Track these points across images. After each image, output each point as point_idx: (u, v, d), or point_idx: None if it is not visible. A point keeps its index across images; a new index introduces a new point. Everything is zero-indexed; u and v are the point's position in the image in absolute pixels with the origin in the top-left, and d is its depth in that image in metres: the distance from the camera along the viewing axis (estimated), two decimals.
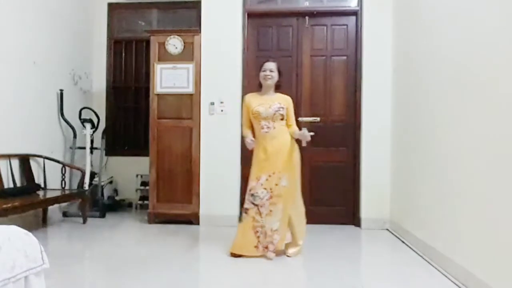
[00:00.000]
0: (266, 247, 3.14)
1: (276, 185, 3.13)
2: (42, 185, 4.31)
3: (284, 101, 3.27)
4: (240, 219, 3.27)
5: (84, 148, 4.87)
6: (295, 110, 3.40)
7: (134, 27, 5.53)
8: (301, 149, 3.28)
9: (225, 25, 4.41)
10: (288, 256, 3.19)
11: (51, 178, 4.49)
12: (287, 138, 3.21)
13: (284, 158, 3.15)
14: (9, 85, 3.91)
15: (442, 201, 2.95)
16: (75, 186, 4.81)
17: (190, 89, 4.39)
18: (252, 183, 3.19)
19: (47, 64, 4.49)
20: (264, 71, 3.28)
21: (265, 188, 3.14)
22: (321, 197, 4.38)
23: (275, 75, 3.28)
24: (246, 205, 3.21)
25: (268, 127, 3.20)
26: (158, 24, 5.45)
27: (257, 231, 3.16)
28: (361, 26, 4.34)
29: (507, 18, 2.19)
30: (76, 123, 4.85)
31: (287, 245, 3.25)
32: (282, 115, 3.21)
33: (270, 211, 3.13)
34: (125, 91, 5.53)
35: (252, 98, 3.32)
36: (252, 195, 3.17)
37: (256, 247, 3.16)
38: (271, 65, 3.28)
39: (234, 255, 3.17)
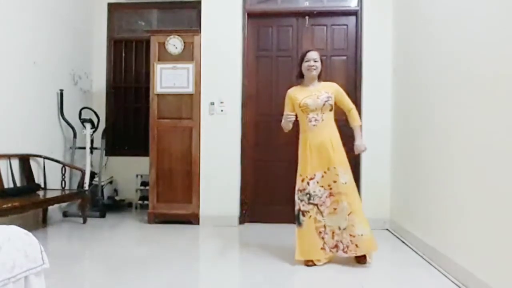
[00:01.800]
0: (335, 246, 2.96)
1: (335, 182, 2.94)
2: (42, 185, 4.31)
3: (330, 89, 3.07)
4: (298, 222, 3.00)
5: (84, 148, 4.88)
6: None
7: (134, 27, 5.53)
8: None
9: (225, 25, 4.41)
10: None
11: (51, 178, 4.49)
12: (336, 129, 3.06)
13: (336, 152, 2.98)
14: (9, 85, 3.91)
15: (443, 201, 2.95)
16: (75, 186, 4.81)
17: (190, 89, 4.39)
18: (303, 184, 2.99)
19: (47, 64, 4.49)
20: (307, 61, 3.03)
21: (322, 186, 2.96)
22: None
23: (319, 65, 3.05)
24: (303, 207, 2.98)
25: (316, 120, 3.00)
26: (158, 24, 5.45)
27: (321, 232, 2.96)
28: (361, 26, 4.34)
29: (507, 18, 2.19)
30: (76, 123, 4.85)
31: None
32: (331, 105, 3.03)
33: (334, 209, 2.94)
34: (125, 91, 5.53)
35: (297, 92, 3.10)
36: (308, 194, 2.96)
37: (323, 248, 2.96)
38: (314, 55, 3.04)
39: (307, 263, 2.95)
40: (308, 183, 2.98)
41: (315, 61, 3.04)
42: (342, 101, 3.12)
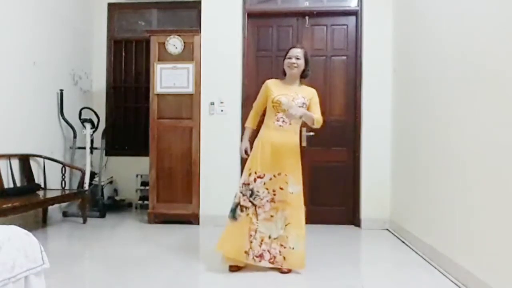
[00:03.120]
0: (260, 256, 2.79)
1: (281, 189, 2.80)
2: (42, 185, 4.31)
3: (307, 94, 2.91)
4: (233, 215, 2.83)
5: (84, 148, 4.88)
6: None
7: (134, 27, 5.53)
8: (300, 148, 3.01)
9: (225, 25, 4.41)
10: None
11: (51, 178, 4.49)
12: (298, 137, 2.93)
13: (292, 160, 2.84)
14: (9, 85, 3.91)
15: (442, 201, 2.95)
16: (75, 186, 4.81)
17: (190, 89, 4.39)
18: (249, 178, 2.83)
19: (47, 64, 4.49)
20: (289, 58, 2.88)
21: (267, 189, 2.80)
22: (321, 197, 4.37)
23: (301, 63, 2.88)
24: (243, 202, 2.82)
25: (284, 121, 2.85)
26: (158, 24, 5.45)
27: (251, 235, 2.79)
28: (361, 26, 4.34)
29: (507, 17, 2.19)
30: (76, 123, 4.85)
31: None
32: None
33: (271, 216, 2.80)
34: (125, 91, 5.53)
35: (275, 85, 2.94)
36: (251, 191, 2.81)
37: (247, 253, 2.78)
38: (297, 52, 2.88)
39: (231, 268, 2.84)
40: (254, 180, 2.82)
41: (297, 59, 2.87)
42: (312, 108, 2.90)
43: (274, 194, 2.82)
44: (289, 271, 2.82)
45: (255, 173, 2.83)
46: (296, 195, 2.83)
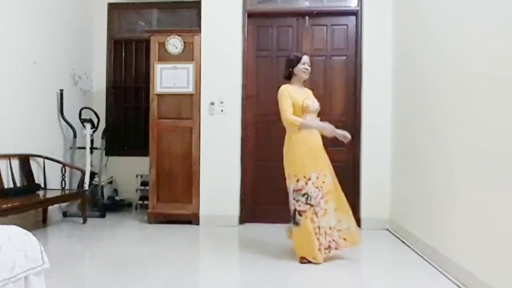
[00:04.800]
0: (328, 248, 3.04)
1: (324, 182, 3.06)
2: (42, 185, 4.31)
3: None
4: (295, 222, 3.07)
5: (84, 148, 4.88)
6: None
7: (134, 27, 5.53)
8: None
9: (225, 25, 4.41)
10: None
11: (51, 178, 4.49)
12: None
13: (324, 152, 3.19)
14: (9, 85, 3.91)
15: (442, 201, 2.95)
16: (75, 186, 4.81)
17: (190, 89, 4.40)
18: (298, 184, 3.04)
19: (47, 64, 4.49)
20: (303, 64, 3.21)
21: (317, 187, 3.03)
22: None
23: (310, 69, 3.29)
24: (299, 208, 3.04)
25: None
26: (158, 24, 5.45)
27: (316, 233, 3.01)
28: (361, 26, 4.34)
29: (507, 18, 2.19)
30: (76, 123, 4.85)
31: None
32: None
33: (325, 210, 3.05)
34: (125, 91, 5.53)
35: (293, 91, 3.18)
36: (306, 195, 3.02)
37: (320, 250, 3.00)
38: (308, 59, 3.25)
39: (301, 260, 3.03)
40: (306, 183, 3.04)
41: (309, 65, 3.23)
42: None
43: (322, 189, 3.06)
44: (300, 259, 3.03)
45: (304, 177, 3.05)
46: (333, 182, 3.14)
